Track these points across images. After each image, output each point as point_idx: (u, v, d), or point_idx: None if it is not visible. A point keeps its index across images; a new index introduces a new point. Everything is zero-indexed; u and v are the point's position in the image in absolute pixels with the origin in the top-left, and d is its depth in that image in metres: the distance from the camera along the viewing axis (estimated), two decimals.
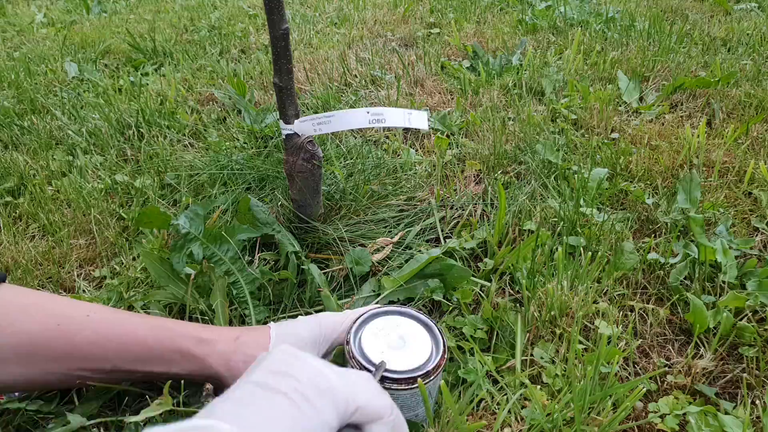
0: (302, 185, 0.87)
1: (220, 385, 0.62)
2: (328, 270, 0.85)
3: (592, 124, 1.27)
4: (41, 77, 1.74)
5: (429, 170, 1.12)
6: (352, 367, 0.59)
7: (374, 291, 0.81)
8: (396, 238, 0.90)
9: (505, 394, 0.66)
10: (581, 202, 0.96)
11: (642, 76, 1.49)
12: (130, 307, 0.79)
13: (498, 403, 0.65)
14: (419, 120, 0.73)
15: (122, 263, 0.90)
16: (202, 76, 1.69)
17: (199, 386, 0.63)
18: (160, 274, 0.78)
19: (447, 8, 2.26)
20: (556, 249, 0.82)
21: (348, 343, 0.61)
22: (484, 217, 0.99)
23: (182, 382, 0.60)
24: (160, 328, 0.61)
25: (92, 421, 0.62)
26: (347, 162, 1.12)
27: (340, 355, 0.65)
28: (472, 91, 1.47)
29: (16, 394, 0.65)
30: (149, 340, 0.60)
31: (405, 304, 0.78)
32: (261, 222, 0.86)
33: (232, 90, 1.48)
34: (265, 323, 0.66)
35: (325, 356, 0.65)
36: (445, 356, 0.59)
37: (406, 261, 0.85)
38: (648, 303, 0.80)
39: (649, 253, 0.85)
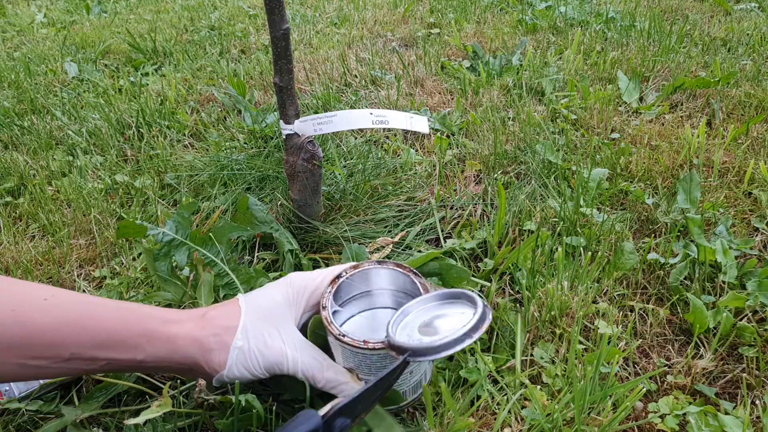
0: (302, 185, 0.87)
1: (194, 371, 0.58)
2: None
3: (592, 124, 1.27)
4: (41, 77, 1.74)
5: (429, 170, 1.12)
6: (331, 334, 0.57)
7: None
8: (396, 238, 0.90)
9: (505, 395, 0.66)
10: (581, 202, 0.96)
11: (642, 76, 1.49)
12: None
13: (498, 403, 0.65)
14: (420, 123, 0.77)
15: (122, 263, 0.90)
16: (202, 76, 1.69)
17: (192, 385, 0.63)
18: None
19: (447, 8, 2.26)
20: (556, 249, 0.82)
21: (324, 308, 0.58)
22: (484, 217, 0.99)
23: (180, 382, 0.59)
24: (124, 310, 0.58)
25: (92, 422, 0.61)
26: (348, 162, 1.13)
27: (318, 324, 0.61)
28: (472, 91, 1.47)
29: (17, 393, 0.65)
30: (111, 322, 0.56)
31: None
32: (259, 221, 0.86)
33: (233, 90, 1.48)
34: None
35: (301, 319, 0.62)
36: None
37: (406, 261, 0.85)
38: (648, 303, 0.80)
39: (649, 253, 0.85)
